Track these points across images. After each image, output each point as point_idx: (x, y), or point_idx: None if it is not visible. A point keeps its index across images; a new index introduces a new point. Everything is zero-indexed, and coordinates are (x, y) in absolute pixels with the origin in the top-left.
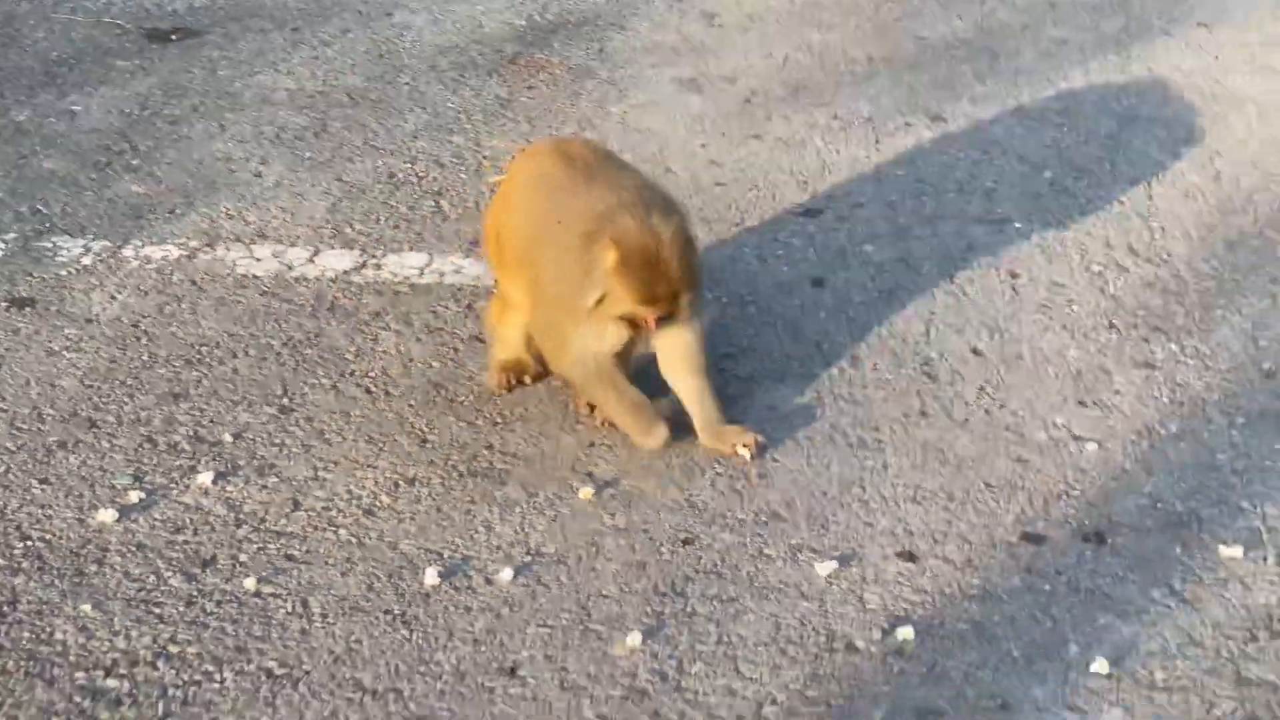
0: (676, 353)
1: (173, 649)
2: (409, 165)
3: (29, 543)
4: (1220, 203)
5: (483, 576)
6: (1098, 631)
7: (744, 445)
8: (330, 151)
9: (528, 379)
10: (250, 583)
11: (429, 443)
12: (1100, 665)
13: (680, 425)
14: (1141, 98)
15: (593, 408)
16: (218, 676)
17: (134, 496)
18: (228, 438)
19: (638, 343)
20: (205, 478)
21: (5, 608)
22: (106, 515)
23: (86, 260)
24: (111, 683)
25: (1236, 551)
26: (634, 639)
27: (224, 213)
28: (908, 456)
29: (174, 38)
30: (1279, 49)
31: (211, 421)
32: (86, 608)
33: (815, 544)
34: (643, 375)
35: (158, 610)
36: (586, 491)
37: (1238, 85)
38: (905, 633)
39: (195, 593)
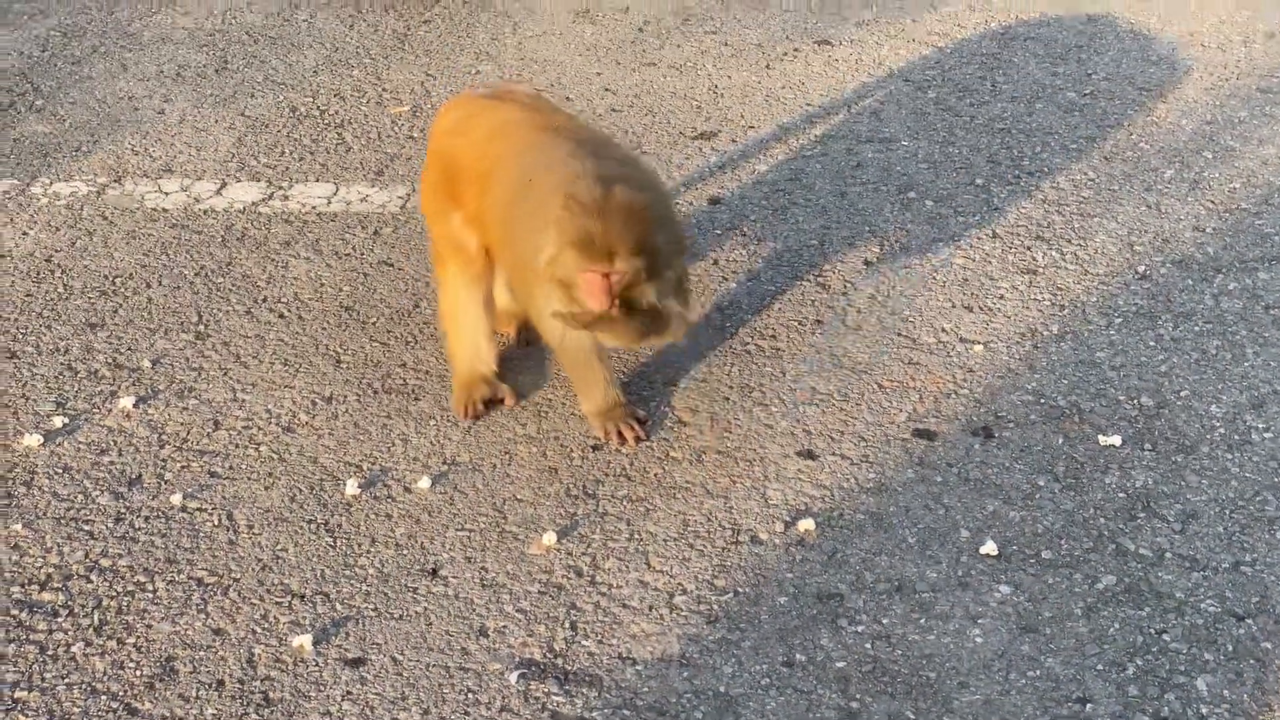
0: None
1: (104, 563)
2: (310, 99)
3: None
4: (1097, 117)
5: (401, 486)
6: (987, 518)
7: (623, 431)
8: (232, 88)
9: (505, 397)
10: (176, 499)
11: (344, 363)
12: (990, 548)
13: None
14: (1020, 19)
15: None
16: (149, 587)
17: (58, 421)
18: (146, 364)
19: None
20: (126, 402)
21: None
22: (32, 440)
23: None
24: (47, 596)
25: (1115, 440)
26: (549, 538)
27: (130, 149)
28: (804, 362)
29: None
30: None
31: (129, 349)
32: (18, 527)
33: (719, 445)
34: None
35: (88, 527)
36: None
37: (1110, 4)
38: (806, 524)
39: (123, 510)
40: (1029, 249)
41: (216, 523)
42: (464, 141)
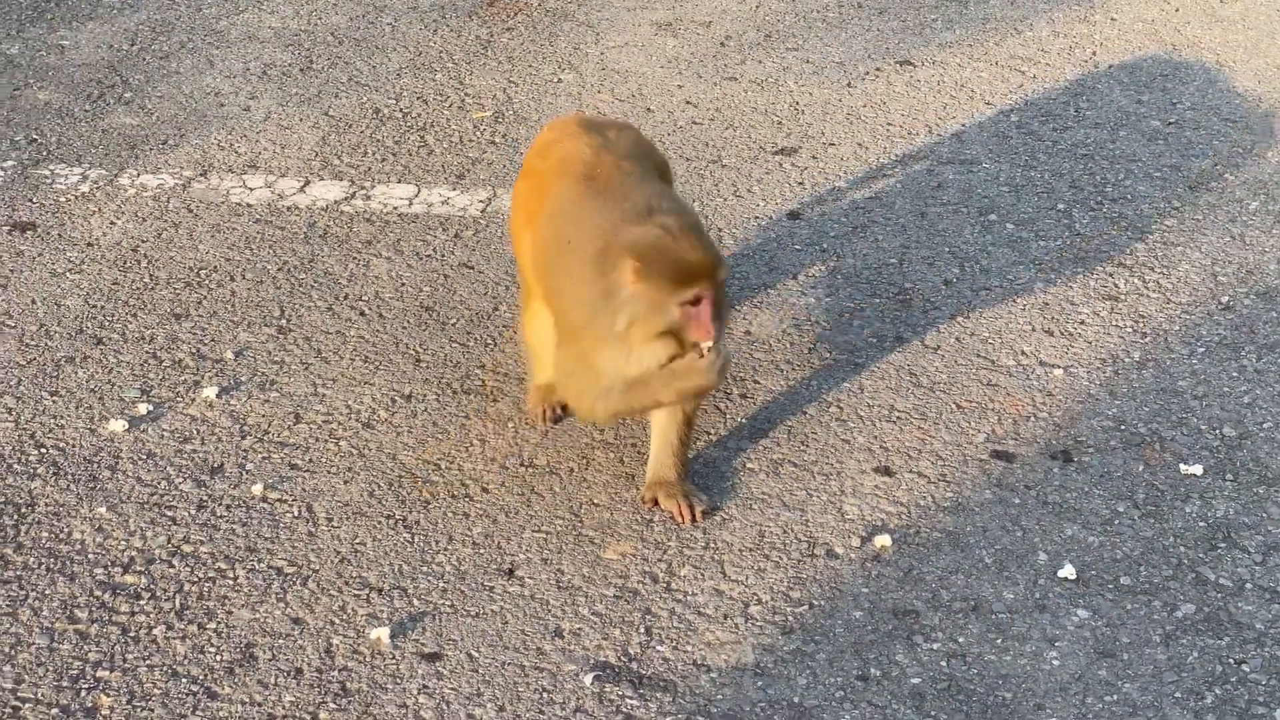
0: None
1: (186, 548)
2: (393, 101)
3: (43, 450)
4: (1181, 146)
5: (479, 486)
6: (1065, 541)
7: (687, 508)
8: (317, 88)
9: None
10: (258, 489)
11: (423, 362)
12: (1068, 571)
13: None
14: (1105, 46)
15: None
16: (230, 574)
17: (142, 409)
18: (229, 355)
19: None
20: (210, 392)
21: (25, 509)
22: (117, 425)
23: (84, 188)
24: (129, 579)
25: (1196, 469)
26: (625, 545)
27: (215, 144)
28: (883, 379)
29: None
30: (1235, 2)
31: (213, 340)
32: (102, 510)
33: (795, 459)
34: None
35: (170, 513)
36: None
37: (1196, 35)
38: (882, 540)
39: (205, 497)
40: (1111, 275)
41: (296, 514)
42: (539, 168)
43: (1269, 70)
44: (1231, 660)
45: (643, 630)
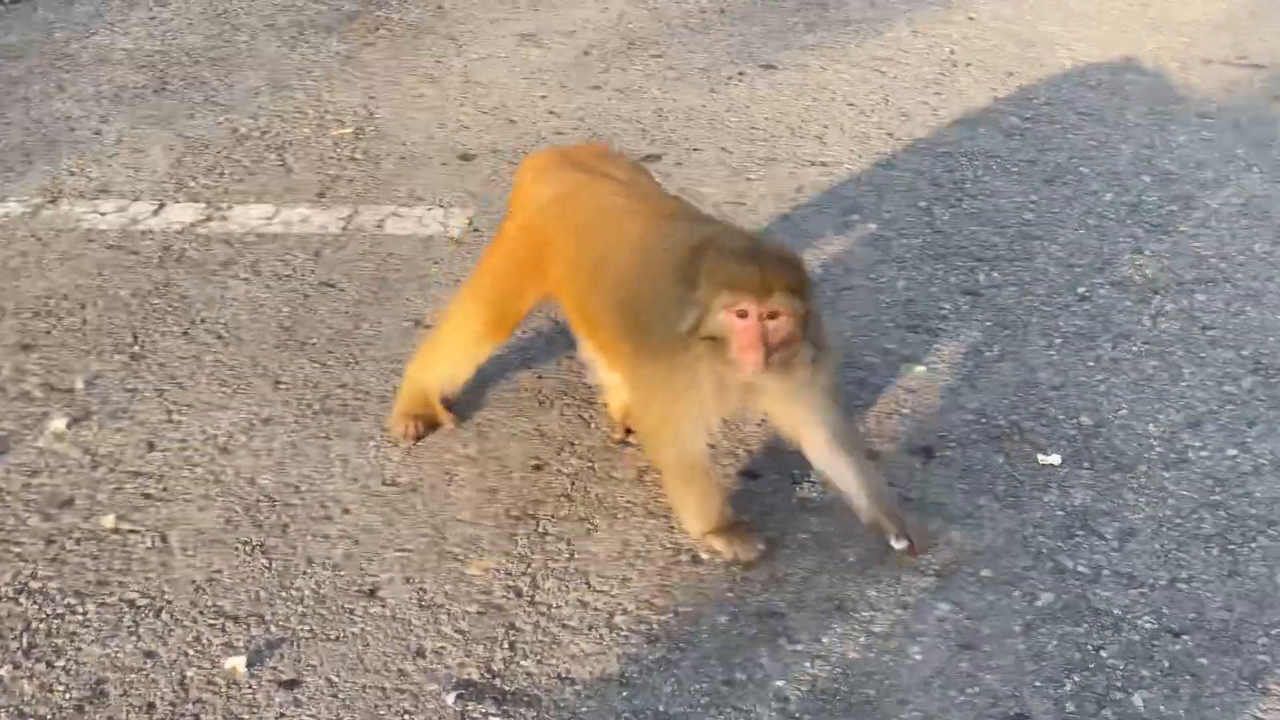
0: (814, 429)
1: (34, 585)
2: (251, 120)
3: None
4: (1038, 141)
5: (340, 507)
6: (928, 537)
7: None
8: (171, 109)
9: (447, 421)
10: (109, 520)
11: (282, 384)
12: (929, 565)
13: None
14: (963, 45)
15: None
16: (80, 609)
17: None
18: (79, 385)
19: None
20: (59, 423)
21: None
22: None
23: None
24: None
25: (1054, 459)
26: (489, 560)
27: (66, 170)
28: None
29: (5, 2)
30: None
31: (62, 370)
32: None
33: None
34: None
35: (17, 549)
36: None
37: (1051, 31)
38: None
39: (54, 531)
40: (971, 270)
41: (150, 544)
42: (564, 224)
43: (1121, 64)
44: (1090, 647)
45: (506, 646)
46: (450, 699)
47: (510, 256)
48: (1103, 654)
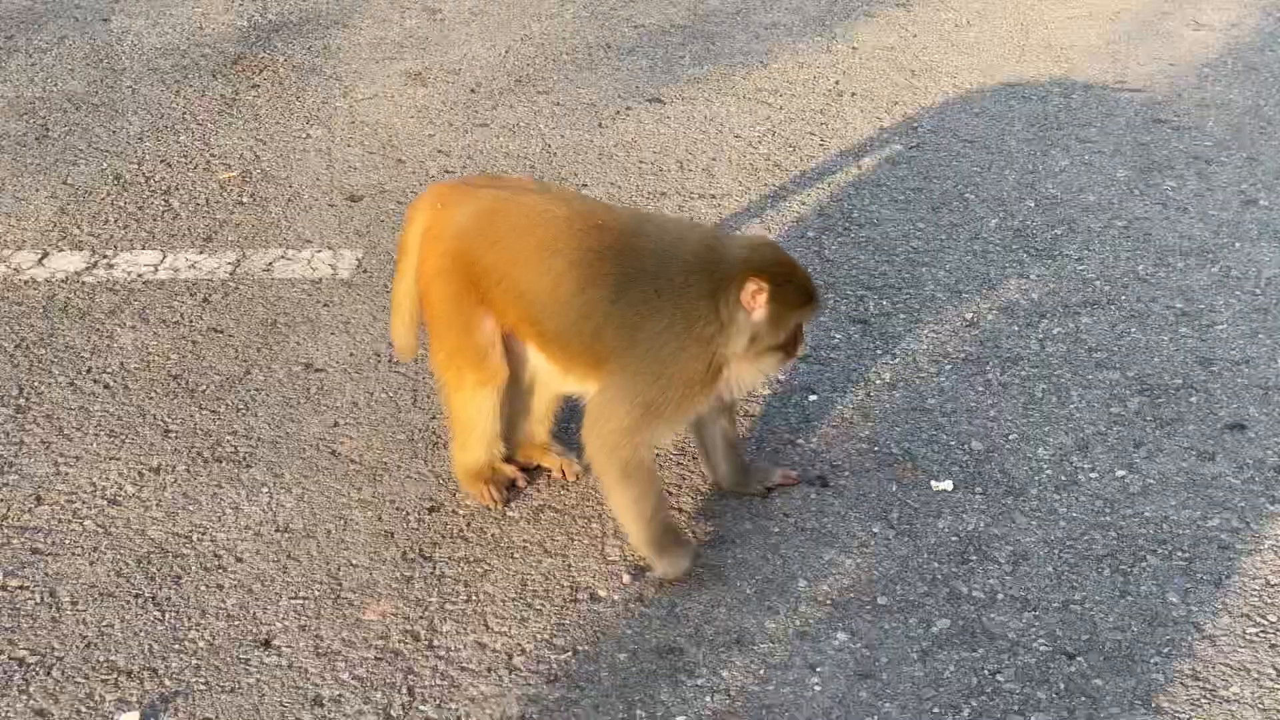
0: (724, 409)
1: None
2: (135, 166)
3: None
4: (923, 169)
5: (233, 556)
6: (824, 566)
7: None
8: (54, 156)
9: (518, 478)
10: None
11: (172, 432)
12: (826, 595)
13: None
14: (847, 75)
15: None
16: None
17: None
18: None
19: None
20: None
21: None
22: None
23: None
24: None
25: (947, 485)
26: (385, 604)
27: None
28: None
29: None
30: (969, 27)
31: None
32: None
33: (555, 504)
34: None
35: None
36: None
37: (934, 60)
38: (645, 580)
39: None
40: (861, 299)
41: (39, 600)
42: (490, 241)
43: (1003, 91)
44: (986, 671)
45: (405, 691)
46: None
47: (445, 297)
48: (999, 678)
